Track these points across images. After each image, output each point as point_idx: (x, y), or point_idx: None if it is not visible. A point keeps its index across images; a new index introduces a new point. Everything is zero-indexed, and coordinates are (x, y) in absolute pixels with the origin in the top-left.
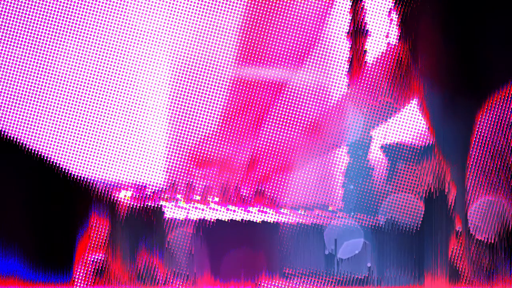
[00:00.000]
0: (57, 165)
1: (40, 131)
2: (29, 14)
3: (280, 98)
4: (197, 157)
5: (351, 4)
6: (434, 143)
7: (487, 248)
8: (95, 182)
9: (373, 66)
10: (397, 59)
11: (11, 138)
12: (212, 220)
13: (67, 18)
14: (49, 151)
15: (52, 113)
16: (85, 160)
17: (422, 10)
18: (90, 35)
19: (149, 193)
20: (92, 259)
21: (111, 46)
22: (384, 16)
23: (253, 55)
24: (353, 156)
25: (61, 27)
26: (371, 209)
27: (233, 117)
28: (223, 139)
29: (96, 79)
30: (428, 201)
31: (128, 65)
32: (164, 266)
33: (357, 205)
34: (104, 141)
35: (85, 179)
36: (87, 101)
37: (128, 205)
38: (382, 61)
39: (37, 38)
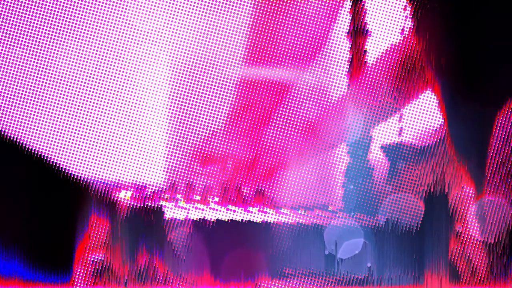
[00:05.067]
0: (57, 165)
1: (40, 131)
2: (29, 14)
3: (285, 98)
4: (200, 155)
5: (351, 4)
6: (448, 142)
7: (487, 248)
8: (95, 182)
9: (379, 65)
10: (411, 56)
11: (11, 138)
12: (212, 220)
13: (67, 18)
14: (49, 151)
15: (52, 113)
16: (85, 160)
17: (440, 8)
18: (92, 35)
19: (149, 193)
20: (92, 259)
21: (112, 47)
22: (400, 11)
23: (259, 56)
24: (353, 156)
25: (61, 27)
26: (371, 209)
27: (235, 116)
28: (226, 138)
29: (96, 79)
30: (428, 201)
31: (129, 66)
32: (164, 266)
33: (357, 205)
34: (104, 141)
35: (85, 179)
36: (87, 101)
37: (128, 205)
38: (392, 59)
39: (37, 38)
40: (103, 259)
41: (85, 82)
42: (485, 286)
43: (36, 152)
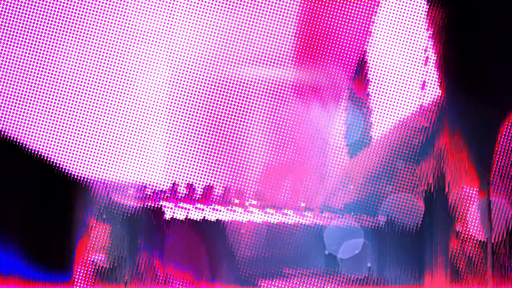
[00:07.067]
0: (57, 165)
1: (40, 131)
2: (29, 14)
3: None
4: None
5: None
6: (448, 141)
7: (488, 248)
8: (95, 182)
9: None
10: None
11: (11, 138)
12: (212, 220)
13: (67, 18)
14: (49, 151)
15: (52, 113)
16: (85, 160)
17: (452, 21)
18: (94, 34)
19: (149, 193)
20: (92, 259)
21: (115, 45)
22: (419, 21)
23: (308, 58)
24: (353, 155)
25: (61, 27)
26: (371, 209)
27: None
28: (234, 137)
29: (100, 79)
30: (428, 201)
31: (130, 66)
32: (164, 266)
33: (357, 205)
34: (105, 141)
35: (85, 179)
36: (88, 101)
37: (128, 205)
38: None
39: (37, 38)
40: (103, 259)
41: (85, 82)
42: (485, 286)
43: (36, 152)
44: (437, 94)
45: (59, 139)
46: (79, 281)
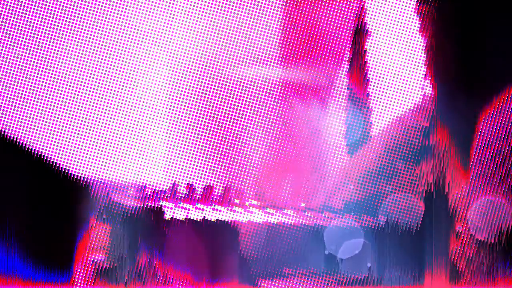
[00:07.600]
0: (57, 165)
1: (40, 131)
2: (29, 15)
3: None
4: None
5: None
6: (447, 141)
7: (487, 248)
8: (95, 182)
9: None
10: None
11: (11, 138)
12: (213, 220)
13: (67, 18)
14: (49, 151)
15: (52, 113)
16: (85, 160)
17: (437, 15)
18: (94, 35)
19: (149, 193)
20: (92, 259)
21: (114, 46)
22: (407, 14)
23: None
24: (353, 154)
25: (61, 27)
26: (371, 209)
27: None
28: (235, 137)
29: (98, 79)
30: (428, 201)
31: (130, 67)
32: (164, 266)
33: (357, 206)
34: (105, 141)
35: (85, 179)
36: (88, 101)
37: (128, 205)
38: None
39: (37, 38)
40: (103, 259)
41: (85, 82)
42: (485, 286)
43: (36, 152)
44: (437, 94)
45: (59, 139)
46: (79, 281)
